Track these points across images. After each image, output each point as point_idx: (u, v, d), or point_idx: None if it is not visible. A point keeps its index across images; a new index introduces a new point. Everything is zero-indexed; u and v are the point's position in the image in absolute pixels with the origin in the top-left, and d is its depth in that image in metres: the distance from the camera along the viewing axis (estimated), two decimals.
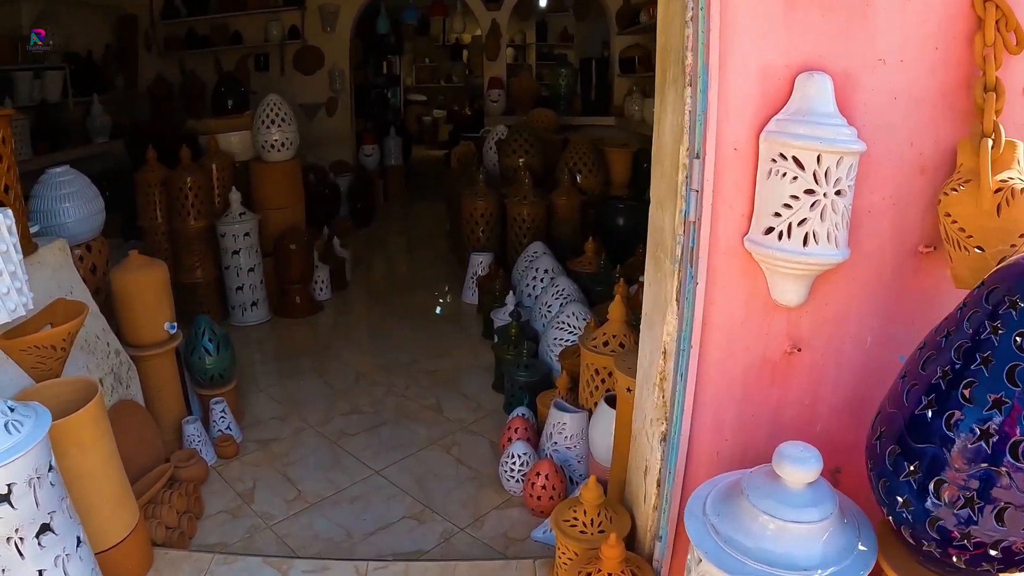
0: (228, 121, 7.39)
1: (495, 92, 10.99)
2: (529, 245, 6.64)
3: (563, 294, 5.47)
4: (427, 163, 15.75)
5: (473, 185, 7.34)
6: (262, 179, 7.02)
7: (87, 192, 4.61)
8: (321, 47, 10.93)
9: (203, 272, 6.60)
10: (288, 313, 6.86)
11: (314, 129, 10.98)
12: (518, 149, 7.68)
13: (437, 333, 6.42)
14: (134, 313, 4.38)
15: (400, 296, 7.47)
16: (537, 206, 6.85)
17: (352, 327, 6.72)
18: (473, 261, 7.03)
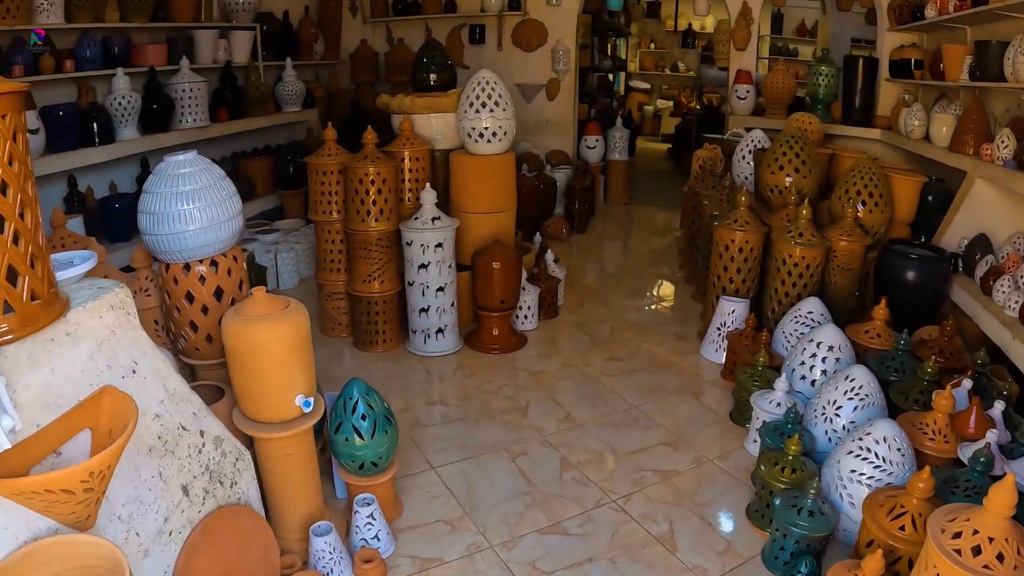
0: (428, 99, 5.97)
1: (743, 88, 9.36)
2: (801, 302, 5.03)
3: (860, 395, 3.85)
4: (648, 157, 14.29)
5: (730, 209, 5.73)
6: (465, 175, 5.67)
7: (218, 190, 3.34)
8: (545, 21, 9.68)
9: (382, 285, 5.36)
10: (481, 346, 5.50)
11: (531, 113, 9.90)
12: (787, 166, 5.98)
13: (669, 406, 4.84)
14: (252, 379, 3.05)
15: (621, 338, 5.88)
16: (815, 248, 5.16)
17: (558, 378, 5.18)
18: (722, 309, 5.40)
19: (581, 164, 9.64)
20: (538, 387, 5.01)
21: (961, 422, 3.55)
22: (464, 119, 5.54)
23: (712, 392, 5.01)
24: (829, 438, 3.87)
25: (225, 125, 7.40)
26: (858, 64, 8.82)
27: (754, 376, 4.49)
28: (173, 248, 3.26)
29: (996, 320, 4.93)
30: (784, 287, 5.23)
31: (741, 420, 4.55)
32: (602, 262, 8.08)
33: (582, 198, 8.79)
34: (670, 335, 5.91)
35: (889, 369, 4.36)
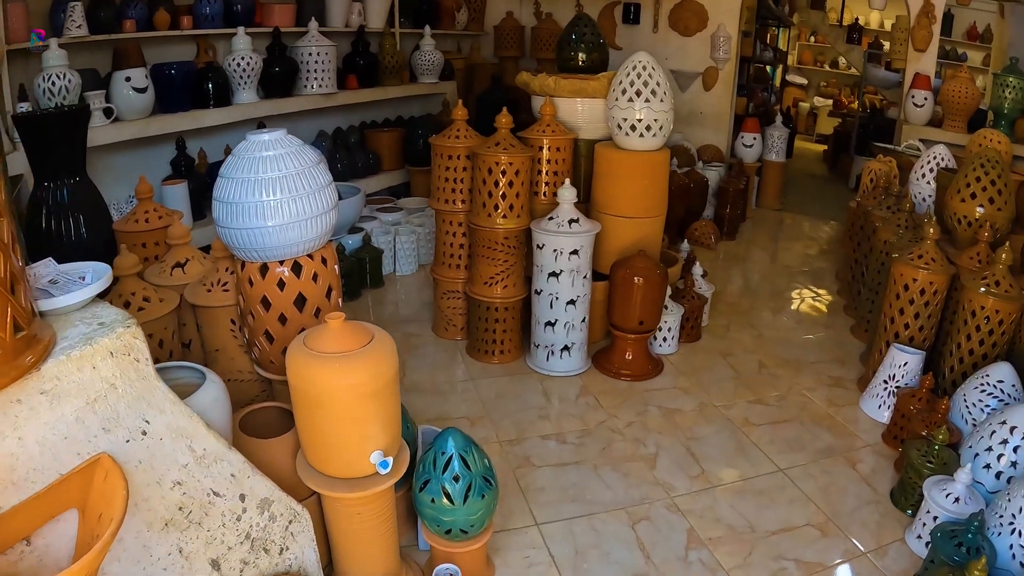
0: (575, 82, 5.23)
1: (921, 94, 8.45)
2: (989, 367, 4.14)
3: None
4: (802, 158, 13.42)
5: (913, 240, 4.90)
6: (611, 172, 4.98)
7: (309, 179, 2.72)
8: (706, 4, 8.90)
9: (505, 290, 4.74)
10: (611, 369, 4.80)
11: (685, 104, 9.16)
12: (980, 194, 5.03)
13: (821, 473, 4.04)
14: (317, 428, 2.46)
15: (770, 375, 5.09)
16: (1014, 302, 4.26)
17: (695, 421, 4.43)
18: (893, 359, 4.55)
19: (735, 163, 8.84)
20: (671, 430, 4.28)
21: None
22: (615, 108, 4.84)
23: (871, 460, 4.21)
24: (1014, 554, 3.08)
25: (353, 93, 6.93)
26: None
27: (928, 455, 3.71)
28: (249, 245, 2.68)
29: None
30: (969, 343, 4.39)
31: (904, 504, 3.76)
32: (752, 278, 7.25)
33: (734, 201, 8.02)
34: (825, 378, 5.09)
35: None
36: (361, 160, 7.11)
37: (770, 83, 13.48)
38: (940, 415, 3.97)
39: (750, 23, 9.48)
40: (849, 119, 13.24)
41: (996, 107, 8.14)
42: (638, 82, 4.74)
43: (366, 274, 5.93)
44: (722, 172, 8.42)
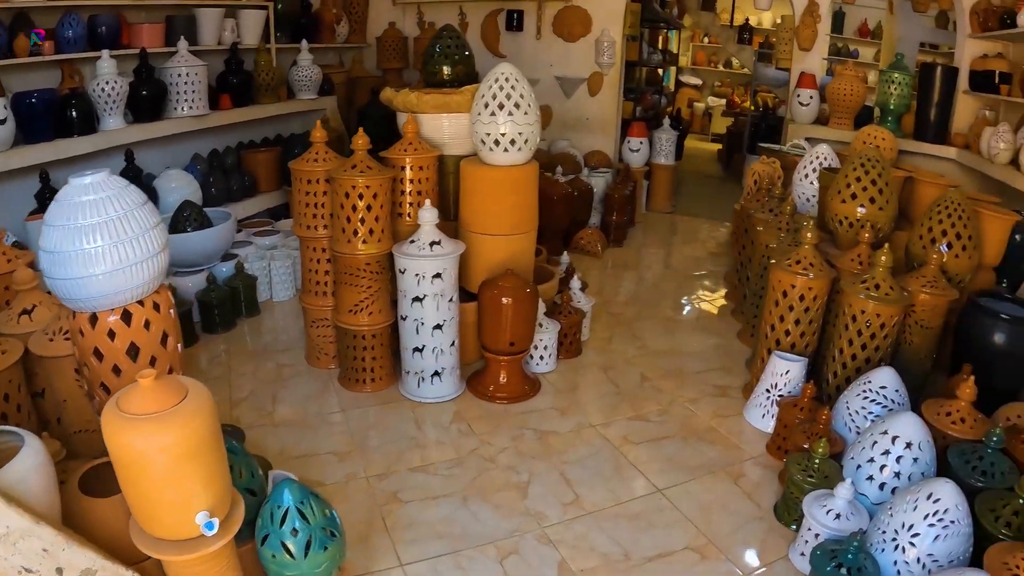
0: (438, 97, 5.02)
1: (806, 93, 8.43)
2: (872, 372, 4.05)
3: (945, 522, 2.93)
4: (696, 159, 13.43)
5: (792, 244, 4.81)
6: (476, 189, 4.82)
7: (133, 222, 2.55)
8: (589, 9, 8.82)
9: (371, 317, 4.53)
10: (485, 393, 4.62)
11: (571, 110, 9.08)
12: (860, 194, 4.95)
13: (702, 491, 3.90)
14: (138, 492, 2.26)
15: (653, 388, 4.93)
16: (894, 305, 4.19)
17: (571, 443, 4.24)
18: (774, 368, 4.46)
19: (622, 169, 8.75)
20: (545, 454, 4.11)
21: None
22: (478, 122, 4.66)
23: (755, 474, 4.08)
24: (899, 571, 2.98)
25: (227, 113, 6.69)
26: (935, 73, 7.89)
27: (808, 470, 3.59)
28: (75, 295, 2.50)
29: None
30: (851, 348, 4.31)
31: (788, 519, 3.64)
32: (638, 285, 7.11)
33: (620, 208, 7.90)
34: (710, 388, 4.97)
35: (976, 471, 3.43)
36: (237, 183, 6.87)
37: (662, 86, 13.45)
38: (821, 425, 3.89)
39: (634, 27, 9.40)
40: (742, 118, 13.29)
41: (883, 103, 8.16)
42: (500, 95, 4.57)
43: (241, 303, 5.70)
44: (609, 178, 8.32)
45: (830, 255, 4.85)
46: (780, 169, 7.11)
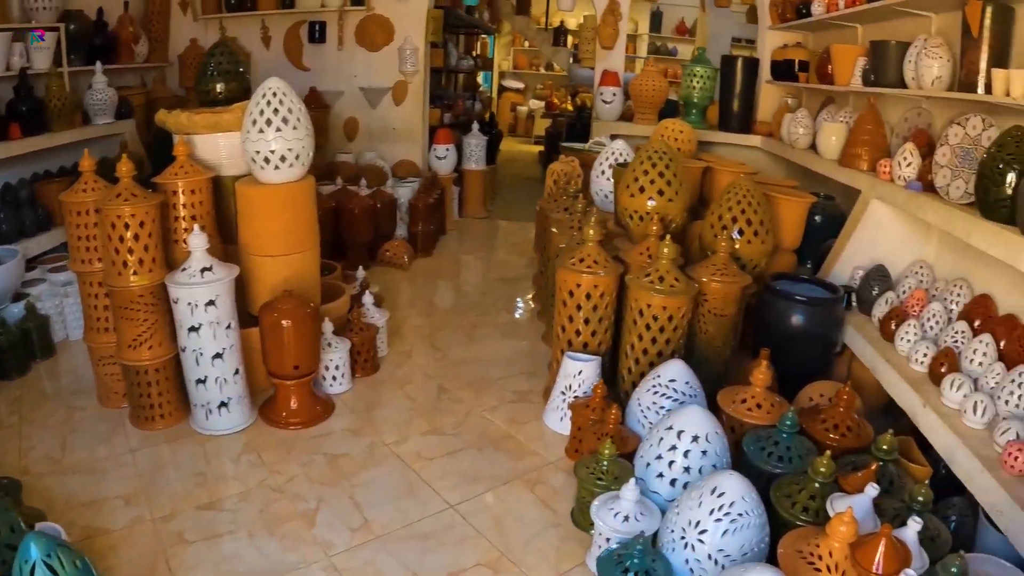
0: (209, 116, 4.83)
1: (609, 90, 8.52)
2: (661, 366, 4.07)
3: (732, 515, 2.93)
4: (519, 161, 13.46)
5: (577, 245, 4.75)
6: (252, 210, 4.65)
7: None
8: (391, 17, 8.75)
9: (152, 351, 4.30)
10: (277, 420, 4.45)
11: (376, 120, 8.95)
12: (648, 187, 5.00)
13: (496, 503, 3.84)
14: None
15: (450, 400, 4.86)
16: (680, 296, 4.21)
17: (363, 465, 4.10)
18: (567, 369, 4.45)
19: (427, 177, 8.67)
20: (335, 479, 3.96)
21: (865, 555, 2.59)
22: (247, 140, 4.49)
23: (553, 480, 4.04)
24: (691, 569, 2.96)
25: (18, 143, 6.26)
26: (736, 65, 8.11)
27: (597, 473, 3.56)
28: None
29: (901, 380, 4.15)
30: (642, 343, 4.30)
31: (585, 524, 3.58)
32: (445, 294, 7.03)
33: (427, 217, 7.79)
34: (510, 394, 4.93)
35: (772, 456, 3.47)
36: (29, 217, 6.50)
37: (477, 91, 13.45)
38: (611, 425, 3.86)
39: (437, 33, 9.34)
40: (560, 119, 13.40)
41: (686, 97, 8.32)
42: (268, 111, 4.41)
43: (34, 345, 5.39)
44: (417, 187, 8.21)
45: (624, 250, 4.85)
46: (579, 167, 7.13)
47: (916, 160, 4.79)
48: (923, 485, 3.13)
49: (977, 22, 4.41)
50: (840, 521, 2.59)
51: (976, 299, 4.49)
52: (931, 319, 4.46)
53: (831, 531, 2.61)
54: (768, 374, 3.87)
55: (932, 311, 4.48)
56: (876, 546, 2.54)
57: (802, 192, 5.80)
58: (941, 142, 4.52)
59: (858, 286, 5.12)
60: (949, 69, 4.82)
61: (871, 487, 2.96)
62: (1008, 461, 3.25)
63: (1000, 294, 4.42)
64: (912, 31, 5.34)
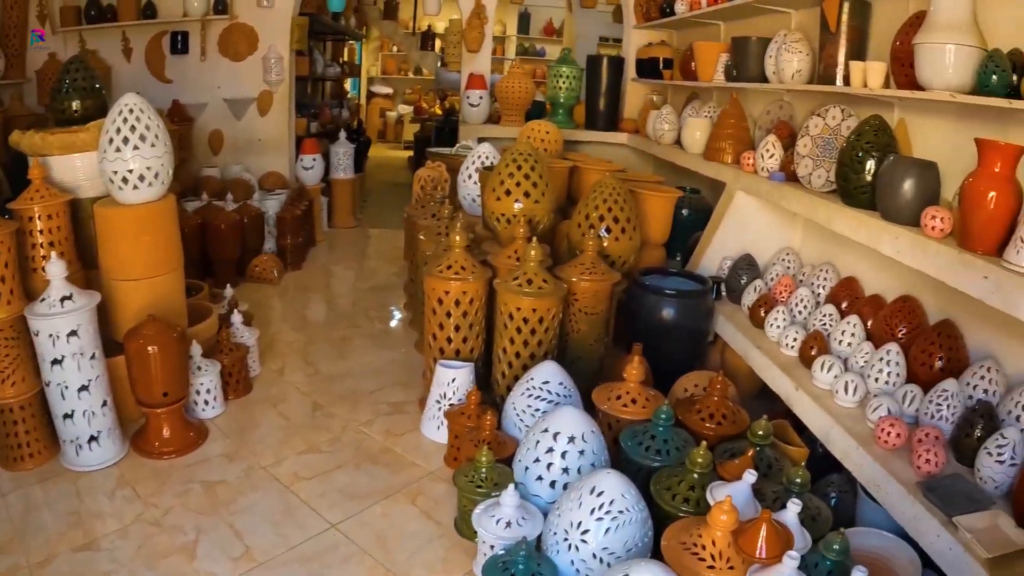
0: (63, 136, 4.63)
1: (476, 93, 8.51)
2: (534, 368, 4.07)
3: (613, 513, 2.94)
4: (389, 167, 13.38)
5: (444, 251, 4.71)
6: (111, 232, 4.46)
7: None
8: (255, 26, 8.54)
9: (17, 387, 4.06)
10: (150, 450, 4.26)
11: (241, 132, 8.72)
12: (515, 190, 4.99)
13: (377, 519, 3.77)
14: None
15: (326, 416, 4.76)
16: (548, 297, 4.22)
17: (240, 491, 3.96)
18: (440, 378, 4.41)
19: (294, 189, 8.54)
20: (213, 508, 3.83)
21: (747, 542, 2.63)
22: (104, 160, 4.32)
23: (434, 490, 4.01)
24: (578, 570, 2.95)
25: None
26: (602, 64, 8.24)
27: (476, 480, 3.53)
28: None
29: (773, 365, 4.31)
30: (514, 346, 4.31)
31: (469, 532, 3.55)
32: (315, 307, 6.91)
33: (296, 229, 7.65)
34: (385, 406, 4.88)
35: (649, 450, 3.49)
36: None
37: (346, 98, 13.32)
38: (487, 432, 3.84)
39: (302, 41, 9.18)
40: (429, 123, 13.35)
41: (553, 97, 8.37)
42: (124, 128, 4.25)
43: None
44: (284, 199, 8.06)
45: (492, 255, 4.84)
46: (446, 172, 7.10)
47: (779, 151, 4.94)
48: (800, 467, 3.22)
49: (835, 17, 4.57)
50: (720, 510, 2.63)
51: (842, 282, 4.70)
52: (799, 304, 4.64)
53: (712, 520, 2.64)
54: (641, 369, 3.91)
55: (800, 296, 4.65)
56: (758, 531, 2.59)
57: (668, 187, 5.90)
58: (802, 133, 4.67)
59: (726, 276, 5.29)
60: (808, 63, 4.98)
61: (749, 473, 3.02)
62: (882, 437, 3.44)
63: (865, 276, 4.63)
64: (772, 27, 5.50)
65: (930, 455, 3.24)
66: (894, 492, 3.25)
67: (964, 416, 3.39)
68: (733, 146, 5.63)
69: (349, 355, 5.68)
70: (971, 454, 3.26)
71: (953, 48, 3.59)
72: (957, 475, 3.23)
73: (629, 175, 6.33)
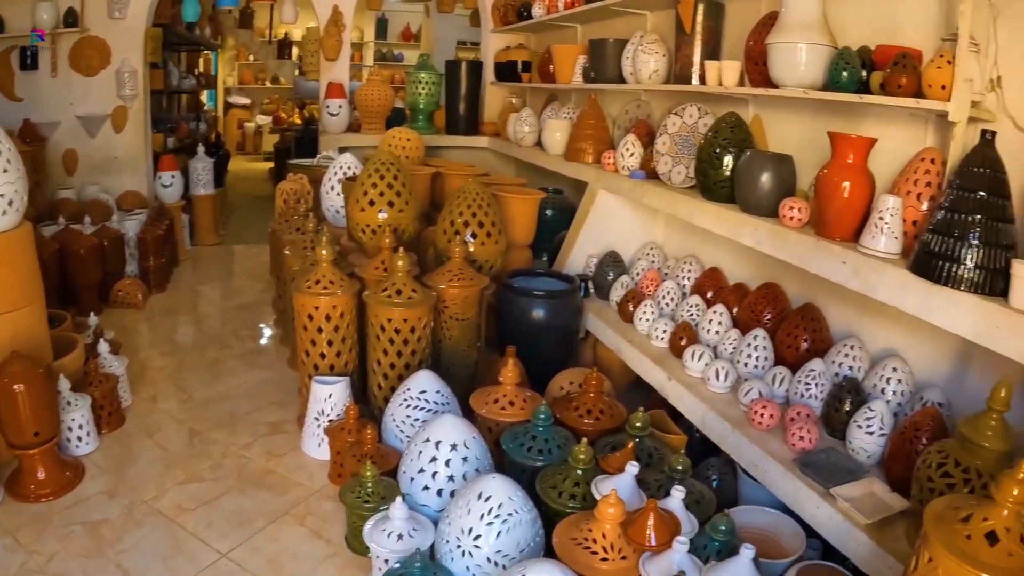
0: None
1: (335, 102, 8.42)
2: (410, 379, 4.07)
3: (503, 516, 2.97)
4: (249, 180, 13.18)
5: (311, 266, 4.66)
6: None
7: None
8: (107, 39, 8.29)
9: None
10: (26, 494, 4.03)
11: (96, 150, 8.46)
12: (378, 200, 4.97)
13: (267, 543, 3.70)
14: None
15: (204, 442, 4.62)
16: (419, 306, 4.23)
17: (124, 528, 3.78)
18: (317, 394, 4.37)
19: (154, 207, 8.31)
20: (99, 549, 3.67)
21: (636, 531, 2.74)
22: None
23: (321, 508, 3.97)
24: (473, 575, 2.98)
25: None
26: (461, 68, 8.26)
27: (363, 495, 3.51)
28: None
29: (645, 357, 4.45)
30: (388, 358, 4.32)
31: (361, 548, 3.52)
32: (184, 330, 6.71)
33: (157, 250, 7.42)
34: (263, 427, 4.79)
35: (532, 451, 3.54)
36: None
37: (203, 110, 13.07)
38: (368, 446, 3.84)
39: (156, 53, 8.95)
40: (288, 134, 13.18)
41: (412, 104, 8.38)
42: None
43: None
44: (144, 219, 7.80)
45: (360, 267, 4.82)
46: (308, 184, 7.04)
47: (638, 150, 5.06)
48: (680, 454, 3.36)
49: (690, 18, 4.71)
50: (607, 503, 2.74)
51: (706, 273, 4.88)
52: (666, 296, 4.79)
53: (600, 514, 2.75)
54: (516, 371, 3.98)
55: (666, 289, 4.80)
56: (645, 520, 2.72)
57: (531, 189, 5.98)
58: (661, 132, 4.79)
59: (593, 274, 5.42)
60: (665, 63, 5.11)
61: (631, 465, 3.12)
62: (755, 418, 3.63)
63: (728, 266, 4.85)
64: (629, 29, 5.64)
65: (803, 432, 3.44)
66: (772, 470, 3.42)
67: (832, 393, 3.64)
68: (593, 146, 5.74)
69: (222, 377, 5.55)
70: (842, 428, 3.51)
71: (805, 47, 3.77)
72: (831, 449, 3.44)
73: (492, 179, 6.39)
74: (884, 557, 2.84)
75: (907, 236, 3.26)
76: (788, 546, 3.31)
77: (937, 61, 3.19)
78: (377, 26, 16.77)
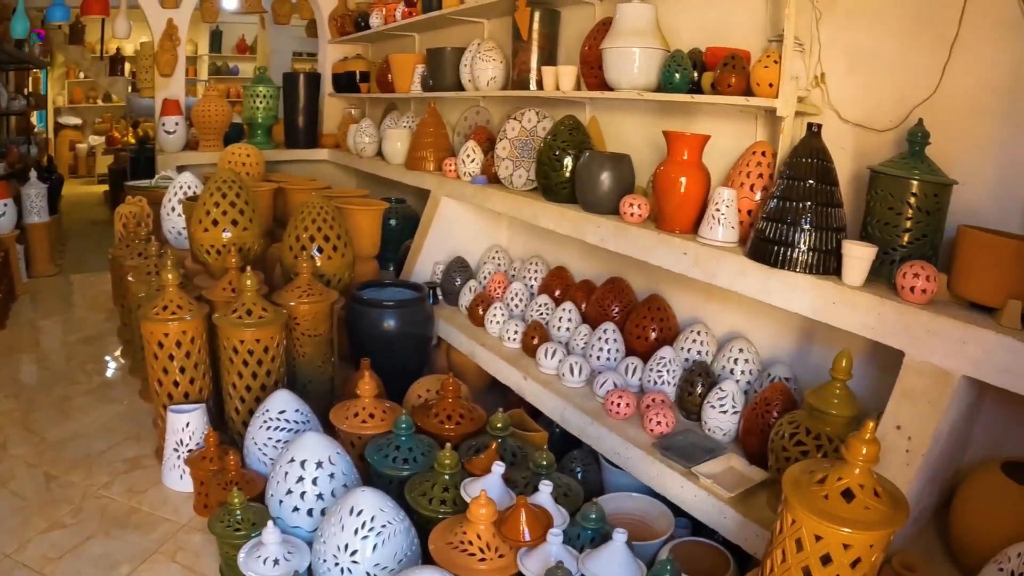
0: None
1: (172, 120, 8.21)
2: (267, 400, 4.00)
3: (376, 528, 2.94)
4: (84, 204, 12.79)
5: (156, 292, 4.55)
6: None
7: None
8: None
9: None
10: None
11: None
12: (222, 219, 4.89)
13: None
14: None
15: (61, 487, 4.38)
16: (270, 326, 4.17)
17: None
18: (173, 424, 4.25)
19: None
20: None
21: (510, 529, 2.83)
22: None
23: (191, 543, 3.86)
24: None
25: None
26: (299, 81, 8.21)
27: (234, 525, 3.44)
28: None
29: (498, 359, 4.55)
30: (243, 380, 4.26)
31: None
32: (27, 368, 6.38)
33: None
34: (121, 464, 4.61)
35: (397, 460, 3.54)
36: None
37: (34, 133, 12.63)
38: (232, 472, 3.77)
39: None
40: (123, 154, 12.84)
41: (250, 118, 8.27)
42: None
43: None
44: None
45: (207, 289, 4.75)
46: (148, 207, 6.88)
47: (479, 156, 5.15)
48: (543, 450, 3.48)
49: (526, 26, 4.81)
50: (478, 505, 2.80)
51: (552, 272, 5.00)
52: (515, 298, 4.89)
53: (472, 516, 2.80)
54: (372, 383, 3.97)
55: (514, 290, 4.90)
56: (517, 517, 2.81)
57: (374, 199, 5.99)
58: (500, 137, 4.86)
59: (441, 280, 5.50)
60: (503, 70, 5.19)
61: (497, 465, 3.19)
62: (612, 409, 3.78)
63: (573, 264, 5.00)
64: (467, 37, 5.76)
65: (660, 417, 3.62)
66: (634, 456, 3.57)
67: (684, 377, 3.85)
68: (434, 154, 5.79)
69: (73, 415, 5.32)
70: (696, 410, 3.72)
71: (639, 51, 3.95)
72: (688, 431, 3.65)
73: (334, 191, 6.38)
74: (750, 526, 3.01)
75: (743, 225, 3.48)
76: (658, 527, 3.47)
77: (764, 61, 3.38)
78: (211, 39, 16.48)
